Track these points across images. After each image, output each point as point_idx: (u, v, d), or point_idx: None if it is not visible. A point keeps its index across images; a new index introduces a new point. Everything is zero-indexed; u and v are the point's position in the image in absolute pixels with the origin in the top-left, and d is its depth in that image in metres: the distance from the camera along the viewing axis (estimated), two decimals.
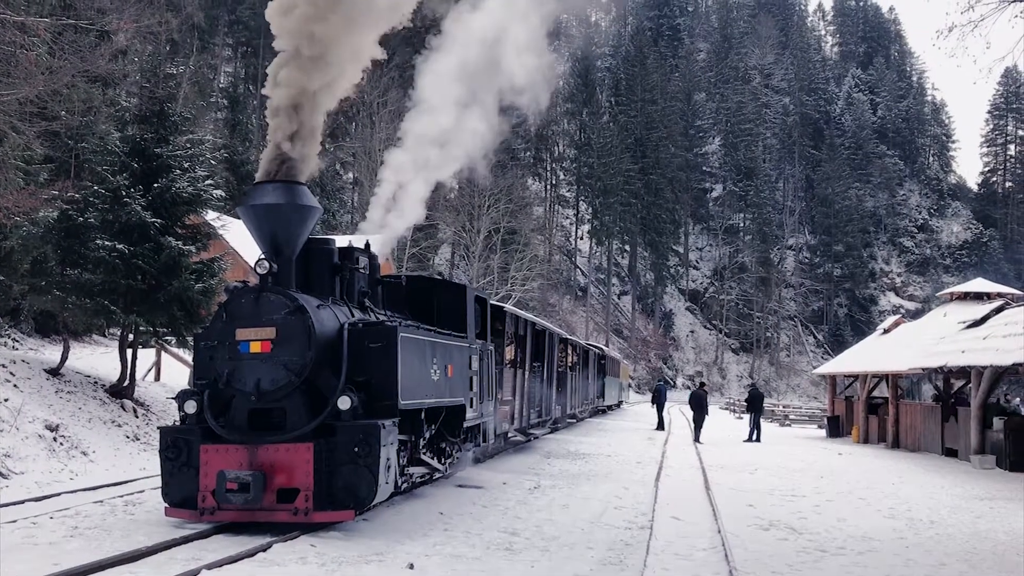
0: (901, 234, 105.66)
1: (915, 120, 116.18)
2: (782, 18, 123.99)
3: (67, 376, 16.70)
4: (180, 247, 16.30)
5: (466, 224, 45.58)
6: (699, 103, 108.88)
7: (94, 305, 15.86)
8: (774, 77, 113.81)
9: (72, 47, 15.35)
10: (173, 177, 16.64)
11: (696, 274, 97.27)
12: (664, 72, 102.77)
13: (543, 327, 23.19)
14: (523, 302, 45.41)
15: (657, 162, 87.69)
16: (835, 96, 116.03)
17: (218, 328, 9.37)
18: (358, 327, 9.66)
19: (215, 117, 56.33)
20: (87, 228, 15.86)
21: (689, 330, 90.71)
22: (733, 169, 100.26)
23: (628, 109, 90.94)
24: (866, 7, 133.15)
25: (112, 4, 20.67)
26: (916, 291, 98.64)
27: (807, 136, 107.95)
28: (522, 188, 64.96)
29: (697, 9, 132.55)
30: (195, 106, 34.33)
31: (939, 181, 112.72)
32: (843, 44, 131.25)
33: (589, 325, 75.37)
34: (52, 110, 15.98)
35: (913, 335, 28.29)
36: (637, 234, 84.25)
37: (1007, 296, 27.21)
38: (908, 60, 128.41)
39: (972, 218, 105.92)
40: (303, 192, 9.75)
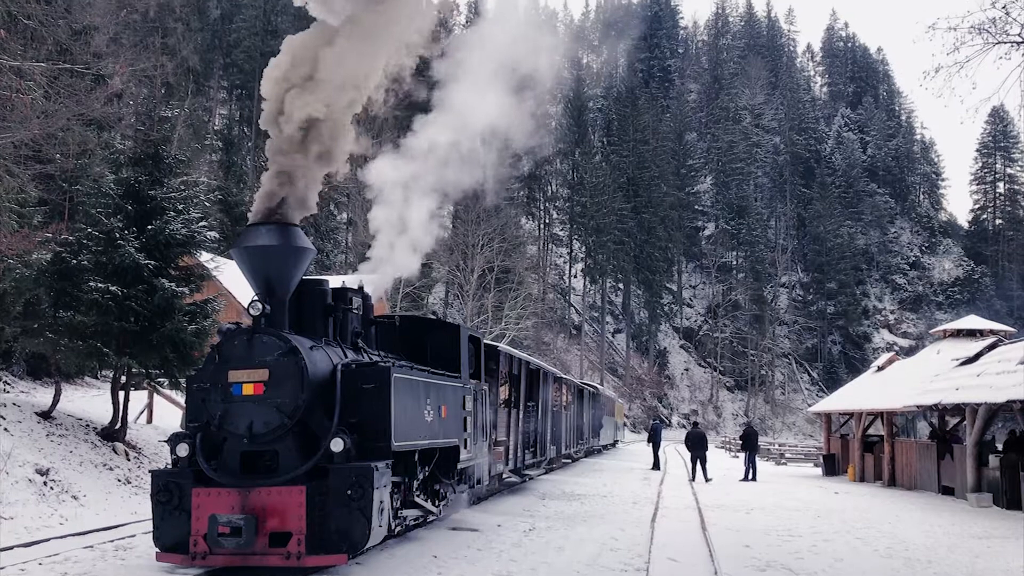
0: (893, 271, 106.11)
1: (905, 158, 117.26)
2: (771, 59, 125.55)
3: (58, 419, 16.59)
4: (173, 289, 16.28)
5: (460, 263, 45.69)
6: (690, 143, 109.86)
7: (87, 347, 15.80)
8: (764, 117, 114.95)
9: (68, 91, 15.48)
10: (167, 219, 16.67)
11: (690, 312, 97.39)
12: (655, 112, 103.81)
13: (537, 366, 23.14)
14: (517, 341, 45.37)
15: (649, 201, 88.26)
16: (825, 135, 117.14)
17: (211, 370, 9.33)
18: (351, 368, 9.63)
19: (209, 159, 56.60)
20: (80, 270, 15.85)
21: (684, 368, 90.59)
22: (725, 207, 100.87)
23: (620, 149, 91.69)
24: (854, 48, 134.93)
25: (108, 48, 20.89)
26: (909, 328, 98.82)
27: (798, 175, 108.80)
28: (516, 227, 65.29)
29: (687, 51, 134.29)
30: (190, 148, 34.55)
31: (930, 219, 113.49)
32: (832, 84, 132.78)
33: (583, 363, 75.25)
34: (47, 153, 16.05)
35: (907, 372, 28.27)
36: (631, 272, 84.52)
37: (999, 333, 27.27)
38: (896, 99, 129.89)
39: (963, 255, 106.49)
40: (297, 234, 9.76)
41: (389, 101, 11.30)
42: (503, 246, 47.61)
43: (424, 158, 13.23)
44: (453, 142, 13.33)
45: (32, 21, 15.26)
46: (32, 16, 15.34)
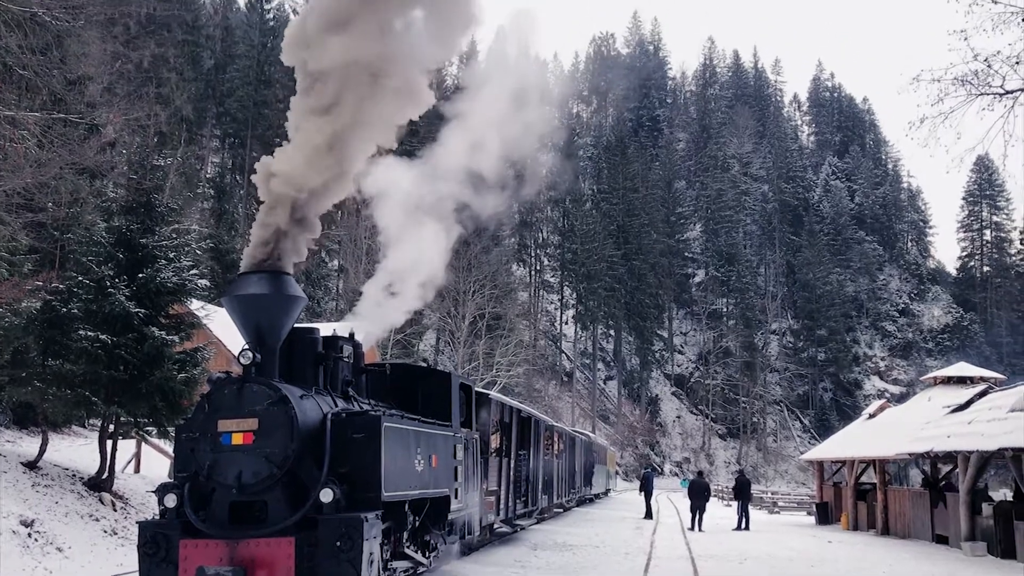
0: (883, 318, 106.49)
1: (892, 206, 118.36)
2: (759, 109, 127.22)
3: (44, 469, 16.40)
4: (163, 337, 16.23)
5: (451, 310, 45.67)
6: (679, 191, 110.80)
7: (75, 396, 15.69)
8: (752, 165, 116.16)
9: (61, 140, 15.58)
10: (158, 267, 16.67)
11: (681, 359, 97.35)
12: (645, 161, 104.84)
13: (529, 414, 23.05)
14: (508, 388, 45.21)
15: (640, 248, 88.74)
16: (813, 183, 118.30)
17: (200, 419, 9.27)
18: (341, 417, 9.58)
19: (201, 207, 56.76)
20: (70, 318, 15.80)
21: (676, 415, 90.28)
22: (715, 255, 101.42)
23: (610, 197, 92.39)
24: (840, 98, 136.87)
25: (102, 98, 21.06)
26: (900, 375, 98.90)
27: (787, 222, 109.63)
28: (507, 274, 65.44)
29: (676, 101, 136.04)
30: (182, 196, 34.64)
31: (918, 266, 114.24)
32: (819, 133, 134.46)
33: (575, 411, 74.95)
34: (39, 201, 16.10)
35: (899, 420, 28.26)
36: (622, 319, 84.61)
37: (990, 380, 27.34)
38: (883, 148, 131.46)
39: (952, 302, 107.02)
40: (288, 282, 9.76)
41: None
42: (494, 292, 47.67)
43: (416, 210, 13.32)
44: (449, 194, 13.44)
45: (27, 72, 15.40)
46: (28, 67, 15.49)
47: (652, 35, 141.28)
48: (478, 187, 13.98)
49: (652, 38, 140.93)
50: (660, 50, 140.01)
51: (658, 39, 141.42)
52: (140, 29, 45.46)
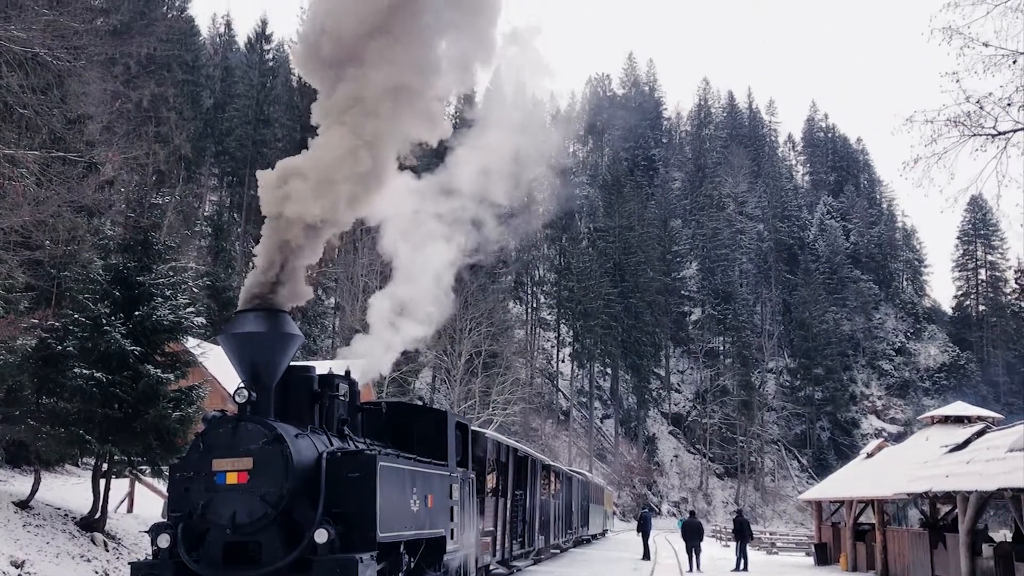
0: (879, 357, 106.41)
1: (887, 245, 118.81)
2: (753, 148, 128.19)
3: (36, 508, 16.25)
4: (159, 375, 16.17)
5: (447, 348, 45.59)
6: (675, 229, 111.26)
7: (68, 434, 15.58)
8: (748, 204, 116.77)
9: (60, 178, 15.64)
10: (154, 305, 16.66)
11: (678, 397, 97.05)
12: (641, 200, 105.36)
13: (525, 453, 22.92)
14: (505, 427, 45.00)
15: (636, 286, 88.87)
16: (808, 223, 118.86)
17: (194, 458, 9.22)
18: (336, 456, 9.53)
19: (199, 245, 56.87)
20: (65, 356, 15.76)
21: (673, 455, 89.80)
22: (711, 293, 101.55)
23: (606, 235, 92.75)
24: (834, 138, 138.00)
25: (101, 136, 21.18)
26: (897, 414, 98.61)
27: (782, 261, 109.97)
28: (503, 311, 65.43)
29: (671, 141, 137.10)
30: (179, 234, 34.73)
31: (914, 305, 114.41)
32: (814, 173, 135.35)
33: (572, 450, 74.53)
34: (36, 239, 16.11)
35: (897, 459, 28.12)
36: (618, 357, 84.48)
37: (987, 419, 27.26)
38: (877, 188, 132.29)
39: (948, 341, 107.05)
40: (285, 320, 9.77)
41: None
42: (491, 330, 47.62)
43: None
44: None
45: (28, 111, 15.50)
46: (28, 106, 15.59)
47: (648, 76, 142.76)
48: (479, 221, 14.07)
49: (648, 79, 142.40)
50: (656, 91, 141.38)
51: (653, 80, 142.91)
52: (140, 69, 45.93)
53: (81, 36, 15.77)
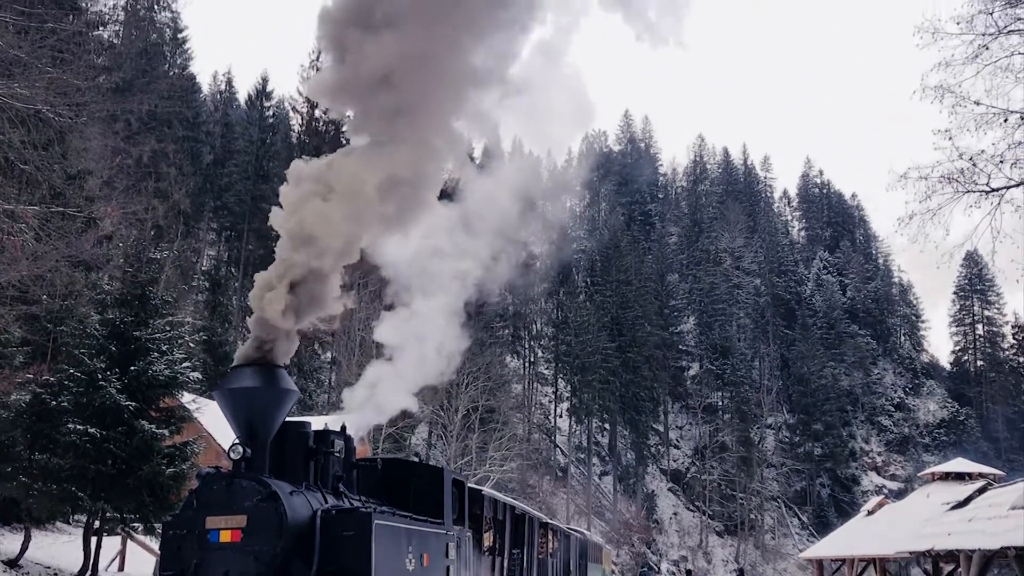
0: (878, 412, 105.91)
1: (884, 301, 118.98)
2: (749, 204, 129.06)
3: (26, 567, 16.00)
4: (153, 430, 16.07)
5: (444, 403, 45.32)
6: (672, 284, 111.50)
7: (60, 491, 15.41)
8: (744, 259, 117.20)
9: (59, 233, 15.70)
10: (150, 360, 16.63)
11: (677, 453, 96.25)
12: (637, 254, 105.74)
13: (523, 511, 22.64)
14: (502, 484, 44.54)
15: (634, 340, 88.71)
16: (805, 278, 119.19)
17: (188, 516, 9.10)
18: (331, 514, 9.41)
19: (196, 299, 56.84)
20: (60, 412, 15.67)
21: (672, 512, 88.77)
22: (709, 348, 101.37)
23: (604, 289, 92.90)
24: (829, 194, 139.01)
25: (101, 192, 21.32)
26: (898, 470, 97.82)
27: (780, 316, 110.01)
28: (500, 366, 65.20)
29: (667, 196, 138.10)
30: (177, 289, 34.74)
31: (912, 360, 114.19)
32: (809, 228, 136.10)
33: (570, 507, 73.70)
34: (33, 294, 16.12)
35: (898, 516, 27.85)
36: (617, 412, 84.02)
37: (989, 476, 27.08)
38: (873, 243, 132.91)
39: (947, 396, 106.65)
40: (281, 375, 9.73)
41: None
42: (488, 385, 47.38)
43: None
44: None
45: (29, 166, 15.62)
46: (29, 161, 15.72)
47: (643, 133, 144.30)
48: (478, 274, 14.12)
49: (643, 136, 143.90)
50: (651, 147, 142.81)
51: (649, 137, 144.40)
52: (141, 125, 46.41)
53: (83, 93, 15.97)
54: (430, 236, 13.57)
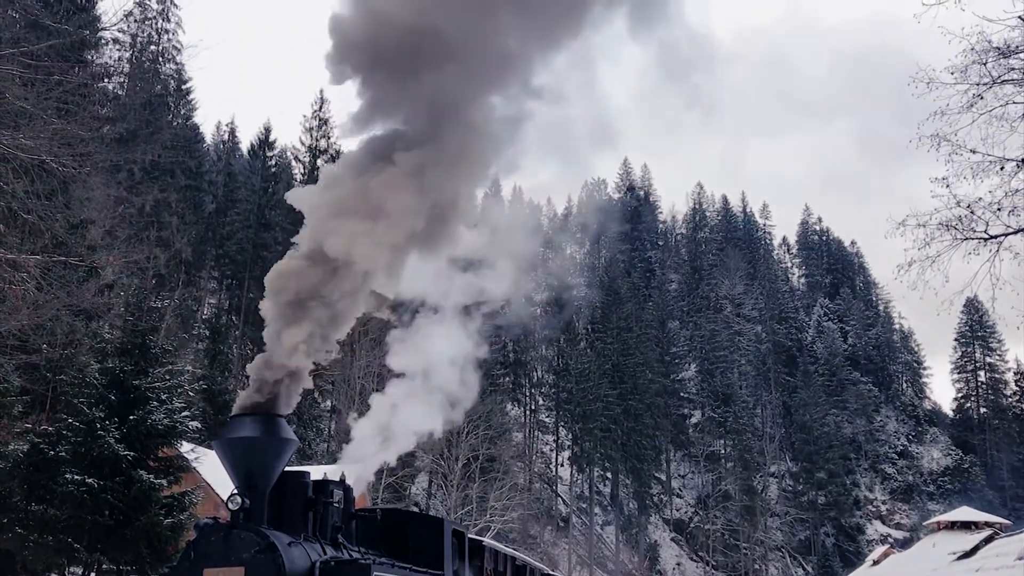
0: (882, 460, 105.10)
1: (885, 347, 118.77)
2: (749, 251, 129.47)
3: None
4: (151, 481, 15.97)
5: (444, 452, 44.99)
6: (673, 331, 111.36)
7: (57, 543, 15.27)
8: (745, 306, 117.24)
9: (60, 282, 15.73)
10: (150, 409, 16.58)
11: (680, 502, 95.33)
12: (638, 301, 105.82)
13: (524, 562, 22.35)
14: (503, 534, 44.05)
15: (635, 388, 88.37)
16: (805, 324, 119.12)
17: (185, 567, 9.00)
18: (330, 565, 9.31)
19: (196, 348, 56.75)
20: (57, 462, 15.58)
21: (675, 562, 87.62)
22: (711, 395, 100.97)
23: (604, 336, 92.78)
24: (829, 241, 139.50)
25: (103, 241, 21.41)
26: (902, 519, 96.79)
27: (781, 363, 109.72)
28: (501, 414, 64.88)
29: (667, 243, 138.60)
30: (177, 337, 34.72)
31: (914, 407, 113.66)
32: (809, 275, 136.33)
33: (572, 558, 72.81)
34: (34, 343, 16.11)
35: (903, 566, 27.53)
36: (619, 461, 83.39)
37: (995, 525, 26.82)
38: (873, 290, 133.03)
39: (951, 444, 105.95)
40: (281, 425, 9.69)
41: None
42: (488, 433, 47.07)
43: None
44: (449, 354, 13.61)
45: (32, 216, 15.71)
46: (32, 211, 15.81)
47: (642, 181, 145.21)
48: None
49: (642, 184, 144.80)
50: (651, 195, 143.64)
51: (648, 185, 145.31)
52: (144, 175, 46.79)
53: (88, 144, 16.12)
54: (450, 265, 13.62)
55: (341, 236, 9.93)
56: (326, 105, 71.92)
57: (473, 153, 10.68)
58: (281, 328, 9.93)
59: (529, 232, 15.13)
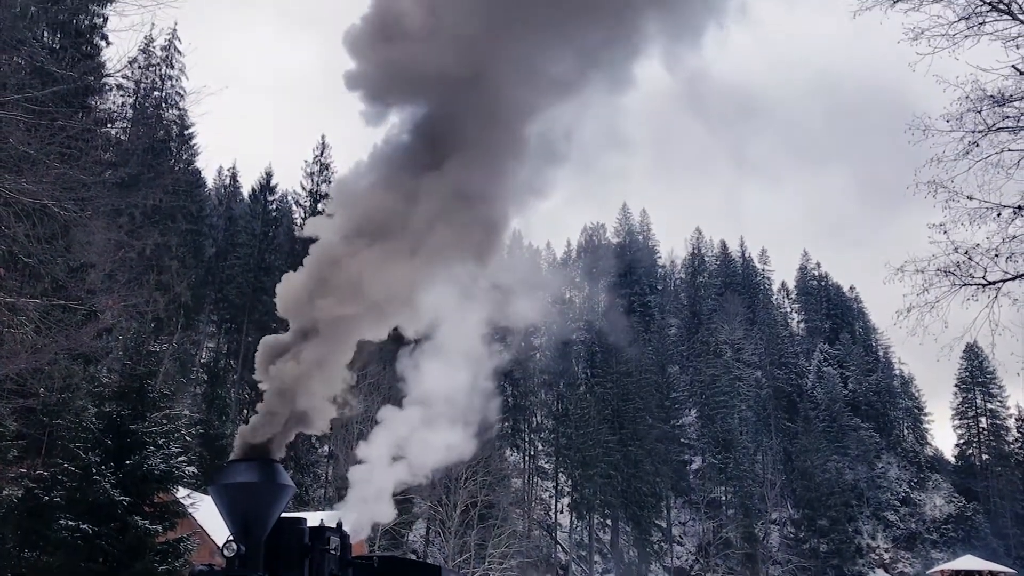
0: (884, 507, 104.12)
1: (886, 393, 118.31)
2: (748, 296, 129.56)
3: None
4: (146, 527, 15.81)
5: (442, 498, 44.56)
6: (673, 375, 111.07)
7: None
8: (745, 351, 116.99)
9: (59, 326, 15.69)
10: (146, 454, 16.48)
11: (680, 550, 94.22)
12: (638, 345, 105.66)
13: None
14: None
15: (635, 433, 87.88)
16: (806, 370, 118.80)
17: None
18: None
19: (194, 392, 56.54)
20: (52, 507, 15.42)
21: None
22: (711, 441, 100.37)
23: (604, 380, 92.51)
24: (827, 286, 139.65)
25: (103, 284, 21.42)
26: (906, 567, 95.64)
27: (781, 408, 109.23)
28: (500, 459, 64.37)
29: (666, 288, 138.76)
30: (175, 382, 34.59)
31: (916, 453, 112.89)
32: (809, 320, 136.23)
33: None
34: (31, 387, 16.02)
35: None
36: (618, 507, 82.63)
37: (999, 574, 26.51)
38: (873, 335, 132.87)
39: (953, 491, 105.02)
40: (278, 470, 9.62)
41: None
42: (487, 479, 46.67)
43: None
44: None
45: (32, 259, 15.75)
46: (33, 255, 15.84)
47: (641, 226, 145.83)
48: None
49: (641, 228, 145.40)
50: (649, 239, 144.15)
51: (647, 229, 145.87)
52: (145, 219, 46.97)
53: (89, 188, 16.20)
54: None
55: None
56: (327, 150, 72.54)
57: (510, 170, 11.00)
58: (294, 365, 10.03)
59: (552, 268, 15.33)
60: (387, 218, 10.35)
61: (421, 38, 10.50)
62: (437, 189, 10.39)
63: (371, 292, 10.07)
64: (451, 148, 10.57)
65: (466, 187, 10.45)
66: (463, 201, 10.49)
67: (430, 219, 10.35)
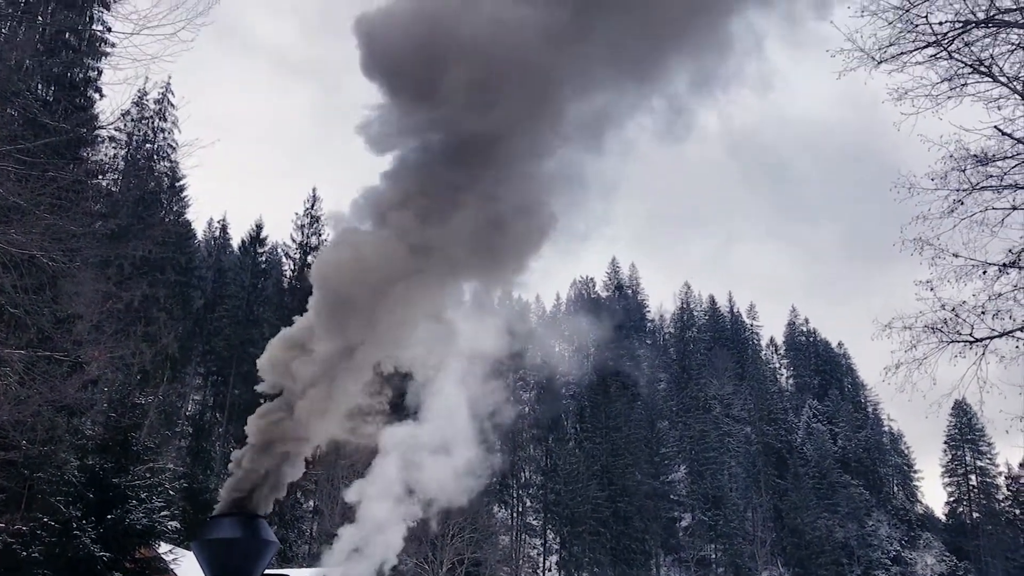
0: (875, 566, 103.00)
1: (875, 450, 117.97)
2: (737, 351, 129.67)
3: None
4: None
5: (428, 555, 43.90)
6: (663, 431, 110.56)
7: None
8: (734, 407, 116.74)
9: (44, 377, 15.53)
10: (128, 508, 16.22)
11: None
12: (627, 400, 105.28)
13: None
14: None
15: (624, 489, 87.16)
16: (795, 426, 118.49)
17: None
18: None
19: (178, 445, 55.88)
20: (30, 563, 15.11)
21: None
22: (701, 498, 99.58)
23: (593, 436, 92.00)
24: (816, 342, 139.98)
25: (89, 335, 21.26)
26: None
27: (771, 465, 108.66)
28: (488, 516, 63.59)
29: (655, 342, 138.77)
30: (160, 434, 34.21)
31: (907, 511, 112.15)
32: (798, 376, 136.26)
33: None
34: (13, 439, 15.81)
35: None
36: (607, 566, 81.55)
37: None
38: (861, 392, 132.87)
39: (944, 550, 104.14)
40: (262, 526, 9.49)
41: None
42: (474, 536, 46.07)
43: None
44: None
45: (19, 310, 15.64)
46: (19, 305, 15.74)
47: (630, 280, 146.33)
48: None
49: (630, 283, 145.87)
50: (639, 293, 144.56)
51: (636, 283, 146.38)
52: (134, 270, 46.87)
53: (79, 239, 16.17)
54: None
55: None
56: (318, 203, 72.83)
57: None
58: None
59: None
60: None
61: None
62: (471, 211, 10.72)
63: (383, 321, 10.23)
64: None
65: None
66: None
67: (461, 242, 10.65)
